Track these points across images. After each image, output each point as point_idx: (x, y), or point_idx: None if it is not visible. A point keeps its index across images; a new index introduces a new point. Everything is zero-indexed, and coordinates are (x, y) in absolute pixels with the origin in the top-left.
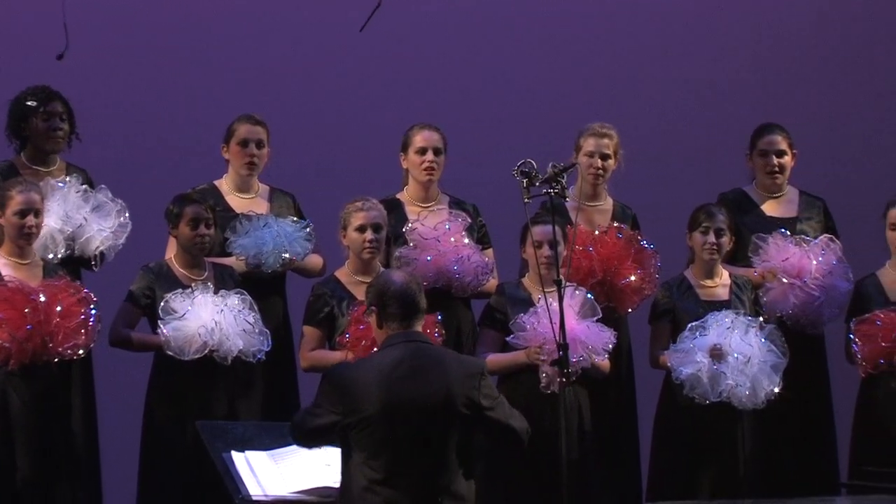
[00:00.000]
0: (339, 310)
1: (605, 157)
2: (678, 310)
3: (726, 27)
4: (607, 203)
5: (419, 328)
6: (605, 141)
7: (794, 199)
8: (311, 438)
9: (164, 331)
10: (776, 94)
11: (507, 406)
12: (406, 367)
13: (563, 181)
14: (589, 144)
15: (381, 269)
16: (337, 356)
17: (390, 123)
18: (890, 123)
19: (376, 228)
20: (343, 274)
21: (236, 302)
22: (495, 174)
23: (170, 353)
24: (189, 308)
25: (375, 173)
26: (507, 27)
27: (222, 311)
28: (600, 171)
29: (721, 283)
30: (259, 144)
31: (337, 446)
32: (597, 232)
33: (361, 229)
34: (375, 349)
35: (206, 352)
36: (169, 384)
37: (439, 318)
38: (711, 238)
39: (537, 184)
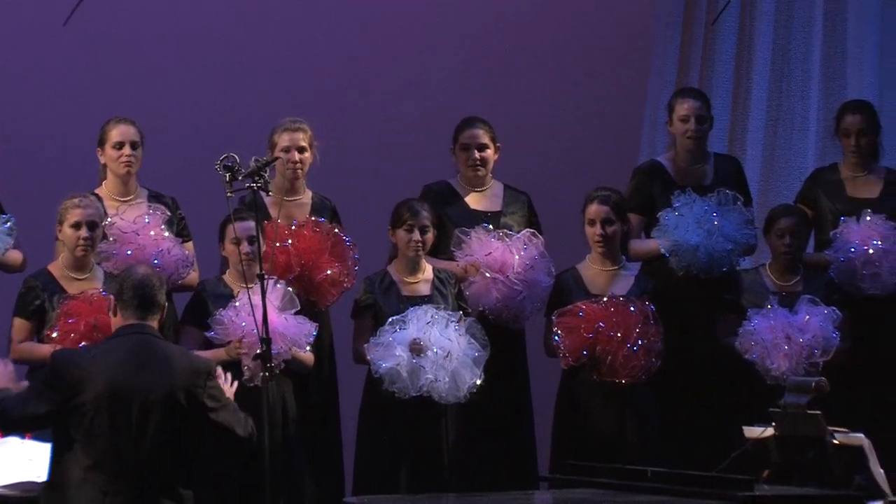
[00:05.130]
0: (50, 303)
1: (301, 151)
2: (380, 305)
3: (436, 20)
4: (306, 196)
5: (154, 323)
6: (300, 135)
7: (498, 193)
8: (22, 425)
9: None
10: (483, 89)
11: (234, 410)
12: (131, 358)
13: (266, 175)
14: (283, 140)
15: (95, 265)
16: (46, 349)
17: (91, 118)
18: (592, 121)
19: (91, 226)
20: (56, 268)
21: None
22: (196, 167)
23: None
24: None
25: (77, 168)
26: (210, 19)
27: None
28: (299, 166)
29: (424, 278)
30: None
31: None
32: (294, 226)
33: (76, 226)
34: (84, 343)
35: None
36: None
37: None
38: (416, 236)
39: (240, 178)
